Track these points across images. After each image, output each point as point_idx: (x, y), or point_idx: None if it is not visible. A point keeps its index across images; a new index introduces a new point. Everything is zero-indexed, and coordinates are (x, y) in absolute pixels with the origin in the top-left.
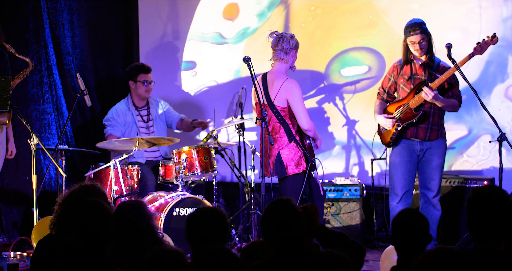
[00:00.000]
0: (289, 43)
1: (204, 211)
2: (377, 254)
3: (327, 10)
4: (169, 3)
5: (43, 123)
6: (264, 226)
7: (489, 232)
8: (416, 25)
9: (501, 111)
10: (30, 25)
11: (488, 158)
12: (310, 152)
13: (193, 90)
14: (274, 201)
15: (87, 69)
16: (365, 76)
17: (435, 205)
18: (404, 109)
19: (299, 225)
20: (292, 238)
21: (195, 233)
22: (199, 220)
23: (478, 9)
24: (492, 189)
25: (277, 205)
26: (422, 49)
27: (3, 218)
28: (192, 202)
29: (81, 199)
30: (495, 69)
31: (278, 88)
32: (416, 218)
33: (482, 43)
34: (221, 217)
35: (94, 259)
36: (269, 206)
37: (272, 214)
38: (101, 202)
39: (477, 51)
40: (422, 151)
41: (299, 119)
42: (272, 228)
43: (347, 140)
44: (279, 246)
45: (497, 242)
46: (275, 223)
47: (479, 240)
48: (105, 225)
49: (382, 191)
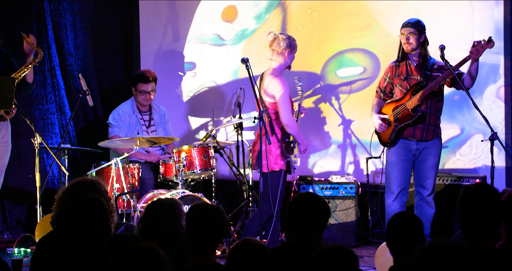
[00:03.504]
0: (282, 44)
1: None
2: (372, 250)
3: (323, 13)
4: (169, 5)
5: (46, 122)
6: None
7: (480, 229)
8: (410, 21)
9: (493, 111)
10: (33, 27)
11: (480, 156)
12: (287, 150)
13: (193, 91)
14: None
15: (89, 70)
16: (360, 77)
17: (429, 202)
18: (402, 110)
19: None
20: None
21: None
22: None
23: (470, 11)
24: (483, 187)
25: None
26: (410, 44)
27: (8, 215)
28: (192, 199)
29: (78, 194)
30: (487, 70)
31: (267, 84)
32: (410, 222)
33: (478, 47)
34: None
35: (91, 254)
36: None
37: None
38: (99, 198)
39: (473, 54)
40: (418, 150)
41: (280, 114)
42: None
43: (342, 139)
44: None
45: (488, 239)
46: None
47: (470, 237)
48: (102, 221)
49: (377, 188)
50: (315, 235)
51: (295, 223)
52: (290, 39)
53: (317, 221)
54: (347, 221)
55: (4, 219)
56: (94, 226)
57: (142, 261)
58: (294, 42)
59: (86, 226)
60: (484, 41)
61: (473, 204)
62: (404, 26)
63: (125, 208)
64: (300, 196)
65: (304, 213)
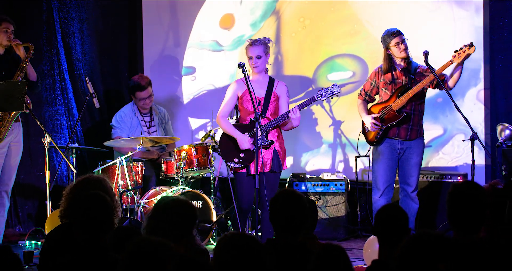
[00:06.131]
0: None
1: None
2: (361, 243)
3: (315, 21)
4: (170, 13)
5: (56, 123)
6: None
7: (468, 223)
8: (393, 30)
9: (474, 113)
10: (43, 34)
11: (462, 155)
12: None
13: (193, 93)
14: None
15: (95, 74)
16: (349, 80)
17: (413, 198)
18: (387, 111)
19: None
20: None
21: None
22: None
23: (452, 20)
24: (471, 185)
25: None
26: (406, 49)
27: (19, 210)
28: (191, 195)
29: (85, 190)
30: (469, 75)
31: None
32: (397, 213)
33: (460, 52)
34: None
35: (93, 246)
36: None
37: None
38: (101, 194)
39: (455, 59)
40: (402, 150)
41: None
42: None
43: (333, 138)
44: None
45: (475, 233)
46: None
47: (458, 231)
48: (104, 216)
49: (365, 185)
50: (300, 230)
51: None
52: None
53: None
54: (337, 215)
55: (16, 213)
56: (95, 219)
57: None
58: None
59: (87, 220)
60: (466, 46)
61: (461, 200)
62: (394, 35)
63: (129, 203)
64: (281, 193)
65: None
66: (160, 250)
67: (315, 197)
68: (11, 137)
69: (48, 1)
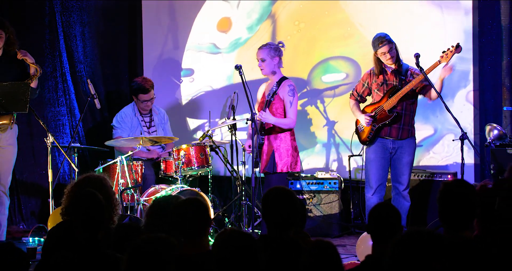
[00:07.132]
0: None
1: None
2: (354, 239)
3: (309, 24)
4: (169, 17)
5: (58, 124)
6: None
7: (457, 220)
8: (382, 38)
9: (463, 113)
10: (46, 37)
11: (452, 154)
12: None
13: (191, 95)
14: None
15: (96, 76)
16: (343, 82)
17: (405, 196)
18: (379, 111)
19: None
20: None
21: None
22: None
23: (442, 23)
24: (461, 183)
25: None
26: (393, 57)
27: (23, 207)
28: (190, 193)
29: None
30: (459, 76)
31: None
32: (390, 211)
33: (447, 52)
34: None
35: (89, 243)
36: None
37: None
38: (94, 192)
39: (443, 59)
40: (394, 149)
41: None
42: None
43: (327, 138)
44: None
45: (465, 230)
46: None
47: (449, 228)
48: (97, 213)
49: (358, 184)
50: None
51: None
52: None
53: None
54: (331, 213)
55: (20, 211)
56: (90, 216)
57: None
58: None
59: (83, 217)
60: (453, 47)
61: (451, 198)
62: (381, 45)
63: (129, 201)
64: (272, 190)
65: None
66: (163, 249)
67: (309, 195)
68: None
69: (51, 5)
